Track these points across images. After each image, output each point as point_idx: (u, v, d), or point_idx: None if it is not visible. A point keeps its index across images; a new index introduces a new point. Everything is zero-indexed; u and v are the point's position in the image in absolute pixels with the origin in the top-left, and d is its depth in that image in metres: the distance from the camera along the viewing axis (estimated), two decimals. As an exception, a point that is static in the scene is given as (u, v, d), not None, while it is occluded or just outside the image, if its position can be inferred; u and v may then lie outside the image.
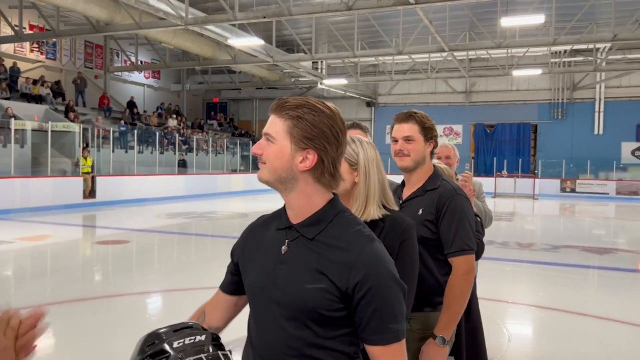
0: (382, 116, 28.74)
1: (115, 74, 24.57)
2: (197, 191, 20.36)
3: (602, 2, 16.88)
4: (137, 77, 26.44)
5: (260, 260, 1.30)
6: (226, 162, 24.86)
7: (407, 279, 1.55)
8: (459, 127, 27.76)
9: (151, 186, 18.42)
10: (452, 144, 3.65)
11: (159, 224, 12.96)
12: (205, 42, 19.73)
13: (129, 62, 24.15)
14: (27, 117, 16.27)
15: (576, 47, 21.92)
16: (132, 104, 23.14)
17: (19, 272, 7.60)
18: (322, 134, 1.19)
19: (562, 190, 24.69)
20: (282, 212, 1.31)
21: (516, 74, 21.46)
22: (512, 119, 26.99)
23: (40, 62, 21.16)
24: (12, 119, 15.12)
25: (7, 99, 17.29)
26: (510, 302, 5.98)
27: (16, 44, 19.83)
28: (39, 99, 18.59)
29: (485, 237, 3.67)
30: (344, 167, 1.63)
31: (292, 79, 27.24)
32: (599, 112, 25.56)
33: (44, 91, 19.11)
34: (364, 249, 1.18)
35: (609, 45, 20.84)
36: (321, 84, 24.47)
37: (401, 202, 2.15)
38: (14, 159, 14.49)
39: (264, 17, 13.41)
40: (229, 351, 1.18)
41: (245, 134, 30.03)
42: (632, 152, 25.06)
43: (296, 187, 1.23)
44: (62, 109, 19.00)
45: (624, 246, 10.78)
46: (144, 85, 26.97)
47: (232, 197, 21.29)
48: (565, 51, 23.49)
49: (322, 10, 13.39)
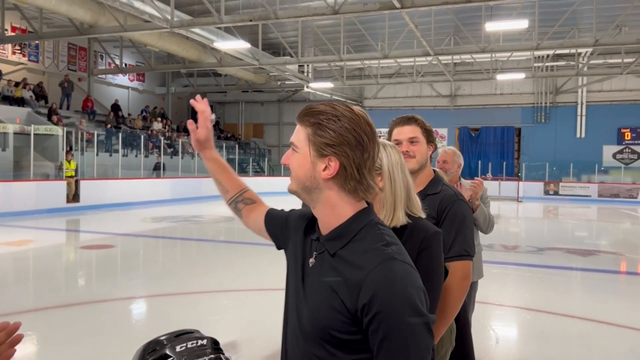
0: None
1: (99, 76, 24.34)
2: (183, 195, 20.22)
3: (583, 8, 17.15)
4: (122, 79, 26.21)
5: (294, 262, 1.28)
6: (212, 165, 24.70)
7: None
8: (444, 131, 27.96)
9: (136, 190, 18.25)
10: (453, 148, 3.55)
11: (144, 228, 12.84)
12: (190, 44, 19.64)
13: (113, 65, 23.93)
14: (9, 120, 16.03)
15: (558, 51, 22.24)
16: (116, 107, 22.92)
17: (1, 278, 7.47)
18: (342, 140, 1.13)
19: (546, 192, 25.00)
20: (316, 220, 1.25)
21: (500, 78, 21.70)
22: (496, 122, 27.27)
23: (22, 64, 20.87)
24: (-6, 122, 14.89)
25: (-11, 101, 17.05)
26: (497, 304, 6.03)
27: (-2, 46, 19.55)
28: (21, 102, 18.33)
29: (479, 240, 3.68)
30: None
31: (279, 82, 27.23)
32: (581, 115, 25.96)
33: (27, 94, 18.86)
34: (376, 267, 1.07)
35: (590, 50, 21.16)
36: (307, 87, 24.49)
37: None
38: (-4, 162, 14.27)
39: (250, 20, 13.38)
40: (229, 357, 1.18)
41: (231, 137, 29.91)
42: (614, 155, 25.47)
43: (322, 197, 1.18)
44: (45, 112, 18.76)
45: (606, 248, 10.93)
46: (128, 88, 26.74)
47: (218, 201, 21.05)
48: (548, 56, 23.81)
49: (309, 14, 13.41)
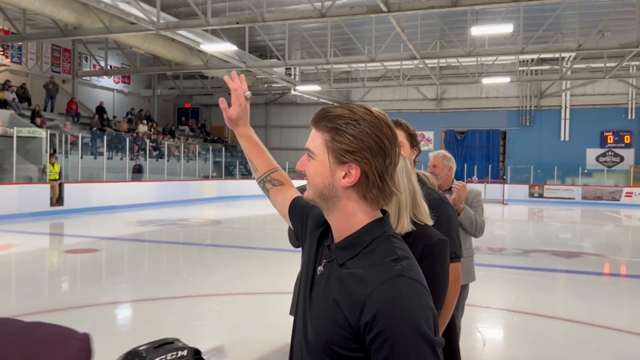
0: None
1: (83, 78, 24.09)
2: (169, 198, 20.08)
3: (567, 13, 17.38)
4: (107, 82, 25.99)
5: (306, 268, 1.23)
6: (198, 168, 24.60)
7: None
8: (430, 134, 28.13)
9: (121, 193, 18.08)
10: (443, 152, 3.53)
11: (129, 232, 12.72)
12: (177, 47, 19.54)
13: (98, 67, 23.70)
14: (-9, 122, 15.81)
15: (543, 56, 22.52)
16: (101, 110, 22.70)
17: (-17, 282, 7.34)
18: (364, 146, 1.07)
19: (531, 195, 25.25)
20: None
21: (486, 81, 21.89)
22: (481, 125, 27.51)
23: (5, 66, 20.59)
24: (-24, 124, 14.67)
25: (-30, 103, 16.79)
26: (483, 306, 6.06)
27: (-20, 47, 19.28)
28: (3, 104, 18.06)
29: (471, 244, 3.70)
30: None
31: (265, 85, 27.20)
32: (565, 119, 26.28)
33: (9, 96, 18.60)
34: (381, 284, 1.01)
35: (573, 54, 21.47)
36: (294, 90, 24.50)
37: None
38: (-22, 165, 14.05)
39: (237, 23, 13.35)
40: None
41: (217, 139, 29.79)
42: (597, 158, 25.83)
43: (338, 205, 1.12)
44: (28, 114, 18.52)
45: (590, 250, 11.06)
46: (113, 90, 26.52)
47: (205, 204, 21.06)
48: (532, 60, 24.09)
49: (295, 17, 13.43)
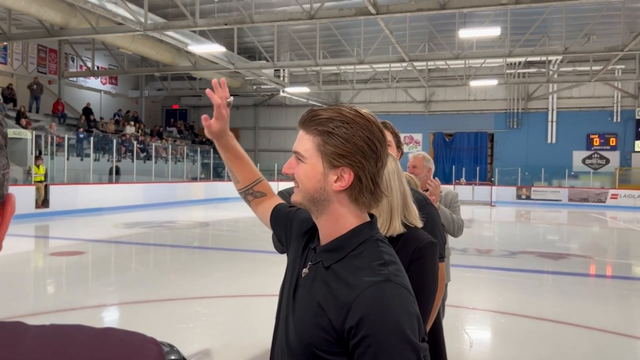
0: None
1: (70, 79, 23.87)
2: (156, 200, 19.94)
3: (554, 17, 17.55)
4: (94, 82, 25.77)
5: (291, 270, 1.21)
6: (186, 170, 24.47)
7: None
8: (418, 136, 28.24)
9: (108, 195, 17.93)
10: (423, 153, 3.60)
11: (116, 234, 12.61)
12: (165, 48, 19.43)
13: (85, 68, 23.51)
14: (-24, 123, 15.58)
15: (530, 59, 22.71)
16: (88, 111, 22.50)
17: (-34, 286, 7.22)
18: (356, 149, 1.05)
19: (518, 197, 25.44)
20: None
21: (473, 84, 22.03)
22: (469, 128, 27.67)
23: (-10, 66, 20.37)
24: (-41, 125, 14.44)
25: (-46, 104, 16.55)
26: (470, 308, 6.08)
27: (-36, 47, 19.03)
28: (-12, 105, 17.86)
29: (447, 245, 3.72)
30: None
31: (254, 87, 27.15)
32: (552, 121, 26.53)
33: (-6, 96, 18.39)
34: (367, 289, 1.00)
35: (560, 57, 21.68)
36: (283, 91, 24.48)
37: None
38: (-39, 167, 13.82)
39: (225, 24, 13.31)
40: None
41: (206, 141, 29.65)
42: (583, 161, 26.09)
43: (329, 208, 1.10)
44: (14, 115, 18.30)
45: (576, 251, 11.16)
46: (100, 91, 26.31)
47: (193, 206, 20.95)
48: (519, 63, 24.29)
49: (284, 18, 13.41)
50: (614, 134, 25.63)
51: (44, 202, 15.49)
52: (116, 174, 19.51)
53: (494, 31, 15.04)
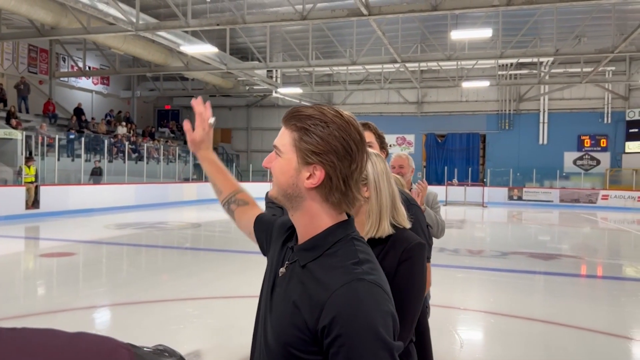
0: None
1: (61, 79, 23.72)
2: (148, 201, 19.85)
3: (545, 19, 17.67)
4: (85, 83, 25.62)
5: (270, 271, 1.22)
6: (178, 170, 24.38)
7: (401, 307, 1.48)
8: (411, 137, 28.32)
9: (99, 196, 17.83)
10: (406, 153, 3.64)
11: (107, 235, 12.53)
12: (156, 48, 19.35)
13: (76, 68, 23.36)
14: (-35, 123, 15.46)
15: (521, 60, 22.85)
16: (79, 111, 22.37)
17: (-46, 287, 7.15)
18: (330, 148, 1.06)
19: (510, 198, 25.57)
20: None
21: (465, 85, 22.12)
22: (462, 129, 27.78)
23: (-21, 66, 20.19)
24: (-52, 126, 14.32)
25: (-57, 104, 16.39)
26: (462, 308, 6.10)
27: (-47, 47, 18.85)
28: (-22, 105, 17.72)
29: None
30: None
31: (247, 87, 27.10)
32: (543, 123, 26.69)
33: (-16, 96, 18.23)
34: (340, 288, 1.00)
35: (551, 59, 21.83)
36: (276, 92, 24.46)
37: None
38: (-50, 167, 13.71)
39: (217, 25, 13.28)
40: None
41: (198, 142, 29.55)
42: (574, 162, 26.27)
43: (302, 205, 1.11)
44: (4, 115, 18.16)
45: (567, 252, 11.22)
46: (92, 91, 26.15)
47: (185, 207, 20.88)
48: (511, 64, 24.43)
49: (277, 19, 13.40)
50: (605, 135, 25.83)
51: (34, 203, 15.38)
52: (99, 174, 19.03)
53: (486, 32, 15.11)
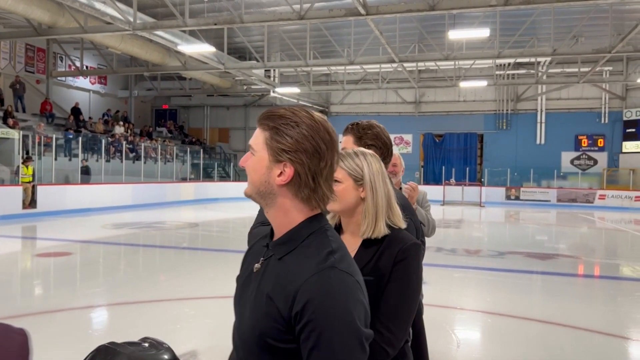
0: (335, 125, 27.67)
1: (58, 79, 23.66)
2: (145, 200, 19.82)
3: (542, 19, 17.70)
4: (83, 82, 25.57)
5: (245, 269, 1.27)
6: (176, 170, 24.36)
7: (396, 307, 1.48)
8: (409, 137, 28.33)
9: (96, 195, 17.79)
10: (397, 152, 3.64)
11: (104, 235, 12.51)
12: (154, 47, 19.32)
13: (73, 67, 23.32)
14: (-38, 122, 15.40)
15: (519, 60, 22.88)
16: (76, 111, 22.32)
17: (-50, 287, 7.13)
18: (300, 147, 1.12)
19: (507, 197, 25.60)
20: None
21: (463, 85, 22.15)
22: (459, 128, 27.80)
23: (-24, 65, 20.13)
24: (-55, 125, 14.27)
25: (-60, 103, 16.33)
26: (458, 308, 6.10)
27: (-50, 46, 18.79)
28: (-25, 104, 17.66)
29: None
30: (347, 184, 1.57)
31: (244, 87, 27.08)
32: (541, 122, 26.73)
33: (-19, 96, 18.17)
34: (312, 276, 1.05)
35: (549, 59, 21.85)
36: (273, 92, 24.44)
37: None
38: (-53, 167, 13.67)
39: (215, 24, 13.26)
40: None
41: (196, 141, 29.55)
42: (571, 161, 26.32)
43: (275, 202, 1.16)
44: (1, 114, 18.11)
45: (564, 252, 11.24)
46: (89, 91, 26.11)
47: (182, 207, 20.85)
48: (509, 64, 24.46)
49: (274, 18, 13.39)
50: (602, 135, 25.88)
51: (31, 202, 15.34)
52: (86, 174, 18.42)
53: (483, 32, 15.13)
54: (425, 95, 28.16)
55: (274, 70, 24.16)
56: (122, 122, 24.41)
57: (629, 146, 25.22)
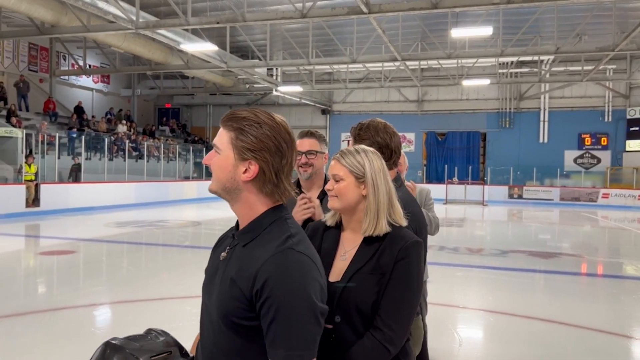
0: (337, 124, 28.99)
1: (61, 77, 23.71)
2: (148, 199, 19.85)
3: (545, 17, 17.63)
4: (86, 81, 25.62)
5: (211, 262, 1.37)
6: (178, 169, 24.38)
7: (398, 305, 1.48)
8: (411, 135, 28.29)
9: (99, 194, 17.83)
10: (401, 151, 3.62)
11: (107, 233, 12.54)
12: (157, 46, 19.34)
13: (76, 66, 23.35)
14: (-35, 121, 15.46)
15: (522, 58, 22.80)
16: (79, 109, 22.37)
17: (-46, 285, 7.16)
18: (263, 146, 1.22)
19: (510, 196, 25.55)
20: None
21: (466, 83, 22.10)
22: (462, 127, 27.74)
23: (-20, 64, 20.18)
24: (-51, 124, 14.31)
25: (-57, 102, 16.39)
26: (461, 307, 6.10)
27: (-46, 45, 18.84)
28: (-22, 103, 17.71)
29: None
30: (349, 181, 1.59)
31: (247, 86, 27.07)
32: (544, 121, 26.65)
33: (-16, 95, 18.22)
34: (271, 257, 1.16)
35: (552, 57, 21.78)
36: (276, 90, 24.42)
37: None
38: (-50, 165, 13.71)
39: (217, 23, 13.26)
40: None
41: (198, 140, 29.57)
42: (574, 160, 26.24)
43: (240, 197, 1.26)
44: (4, 113, 18.16)
45: (567, 250, 11.22)
46: (92, 89, 26.16)
47: (185, 205, 20.88)
48: (512, 62, 24.39)
49: (277, 17, 13.38)
50: (605, 133, 25.80)
51: (34, 201, 15.39)
52: (77, 172, 17.99)
53: (486, 31, 15.08)
54: (427, 93, 28.11)
55: (277, 68, 24.13)
56: (124, 121, 24.46)
57: (632, 145, 25.12)
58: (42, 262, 8.92)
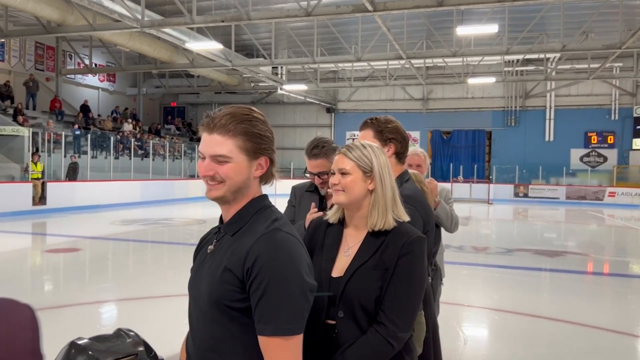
0: (342, 122, 28.94)
1: (68, 76, 23.81)
2: (154, 197, 19.92)
3: (551, 14, 17.54)
4: (92, 80, 25.71)
5: (198, 259, 1.40)
6: (184, 167, 24.44)
7: (401, 300, 1.49)
8: (416, 134, 28.24)
9: (105, 192, 17.90)
10: (422, 150, 3.64)
11: (113, 231, 12.60)
12: (162, 45, 19.38)
13: (82, 65, 23.45)
14: (-27, 120, 15.54)
15: (528, 56, 22.71)
16: (85, 108, 22.46)
17: (-38, 283, 7.21)
18: (268, 140, 1.28)
19: (516, 195, 25.46)
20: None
21: (471, 82, 22.03)
22: (467, 125, 27.66)
23: (-13, 63, 20.29)
24: (-44, 122, 14.40)
25: (-49, 101, 16.49)
26: (466, 305, 6.09)
27: (-39, 44, 18.95)
28: (-15, 102, 17.80)
29: (442, 241, 3.74)
30: (356, 175, 1.59)
31: (252, 84, 27.10)
32: (550, 119, 26.53)
33: (-9, 93, 18.33)
34: (260, 237, 1.20)
35: (558, 55, 21.68)
36: (281, 89, 24.44)
37: None
38: (-42, 164, 13.80)
39: (222, 21, 13.28)
40: None
41: (203, 139, 29.57)
42: (581, 158, 26.11)
43: (246, 192, 1.30)
44: (11, 112, 18.26)
45: (573, 249, 11.17)
46: (98, 88, 26.26)
47: (190, 203, 20.93)
48: (517, 60, 24.29)
49: (281, 15, 13.38)
50: (612, 131, 25.65)
51: (41, 199, 15.47)
52: (73, 171, 17.57)
53: (492, 28, 15.01)
54: (433, 92, 28.04)
55: (282, 67, 24.12)
56: (130, 120, 24.54)
57: (639, 143, 24.98)
58: (49, 259, 8.97)
